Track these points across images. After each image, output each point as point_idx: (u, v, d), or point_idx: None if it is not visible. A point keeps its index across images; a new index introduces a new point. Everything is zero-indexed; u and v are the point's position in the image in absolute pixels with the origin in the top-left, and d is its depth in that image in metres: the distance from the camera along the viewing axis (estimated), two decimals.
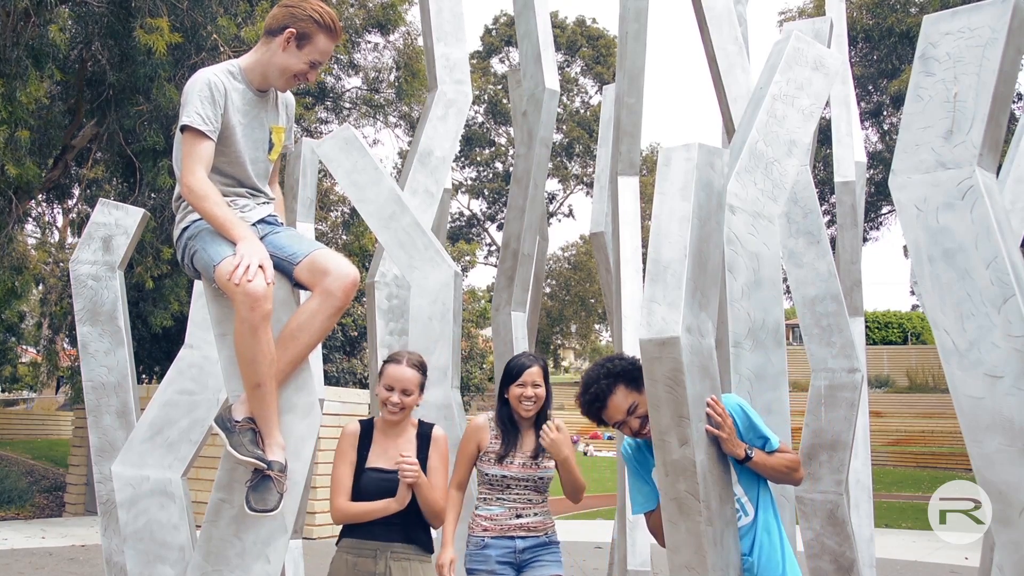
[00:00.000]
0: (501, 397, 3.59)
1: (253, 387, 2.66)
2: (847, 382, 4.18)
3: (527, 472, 3.52)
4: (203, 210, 2.69)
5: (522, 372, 3.51)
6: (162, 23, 9.57)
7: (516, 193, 5.13)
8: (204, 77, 2.75)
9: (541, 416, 3.57)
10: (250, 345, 2.60)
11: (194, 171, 2.68)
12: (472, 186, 39.79)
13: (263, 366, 2.63)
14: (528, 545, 3.52)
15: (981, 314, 2.24)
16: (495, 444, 3.55)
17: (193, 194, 2.68)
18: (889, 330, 37.34)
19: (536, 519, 3.55)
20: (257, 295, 2.56)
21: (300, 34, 2.76)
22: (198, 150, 2.69)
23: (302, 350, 2.77)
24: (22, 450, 18.14)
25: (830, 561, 4.04)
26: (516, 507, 3.53)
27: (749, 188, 3.29)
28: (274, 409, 2.71)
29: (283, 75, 2.81)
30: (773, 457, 2.79)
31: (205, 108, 2.70)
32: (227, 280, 2.59)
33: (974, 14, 2.37)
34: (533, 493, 3.55)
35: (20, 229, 12.66)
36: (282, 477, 2.67)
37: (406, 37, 19.30)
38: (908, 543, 11.25)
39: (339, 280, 2.71)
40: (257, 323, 2.57)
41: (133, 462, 3.02)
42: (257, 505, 2.62)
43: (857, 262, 6.19)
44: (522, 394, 3.50)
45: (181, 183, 2.72)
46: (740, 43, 4.57)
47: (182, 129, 2.72)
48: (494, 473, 3.53)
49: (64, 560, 9.22)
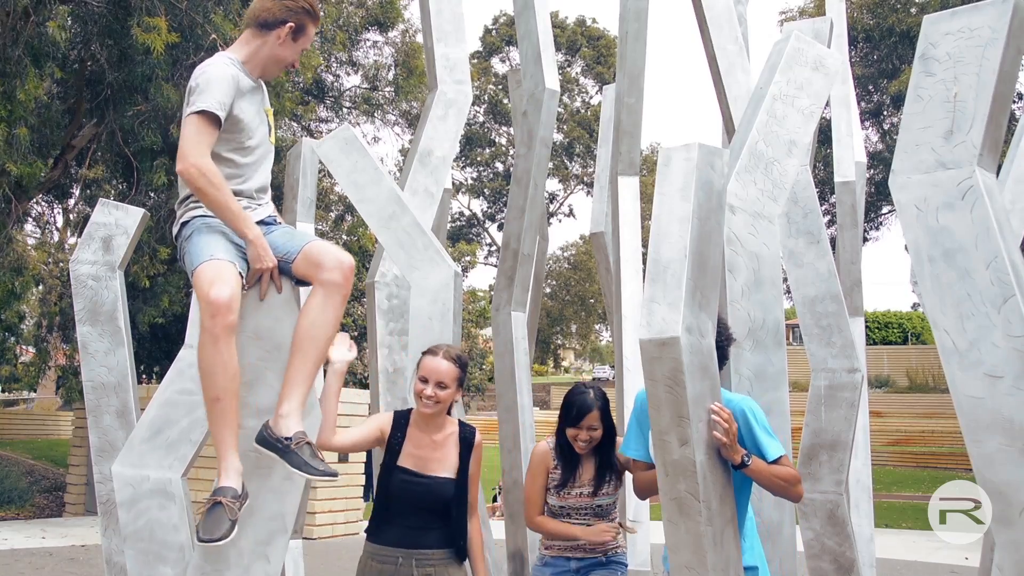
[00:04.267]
0: (561, 429, 3.52)
1: (211, 400, 2.56)
2: (847, 382, 4.17)
3: (584, 501, 3.49)
4: (212, 196, 2.59)
5: (581, 417, 3.43)
6: (160, 22, 9.56)
7: (516, 193, 5.13)
8: (225, 69, 2.69)
9: (603, 451, 3.51)
10: (210, 355, 2.51)
11: (205, 153, 2.60)
12: (472, 186, 39.79)
13: (222, 379, 2.53)
14: (583, 565, 3.50)
15: (981, 314, 2.24)
16: (556, 473, 3.53)
17: (204, 177, 2.57)
18: (889, 330, 37.37)
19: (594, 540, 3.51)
20: (219, 304, 2.49)
21: (297, 27, 2.78)
22: (209, 138, 2.63)
23: (323, 346, 2.73)
24: (22, 450, 18.14)
25: (830, 561, 4.04)
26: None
27: (749, 188, 3.29)
28: (233, 428, 2.59)
29: (280, 67, 2.84)
30: (770, 467, 2.80)
31: (225, 99, 2.64)
32: (197, 285, 2.55)
33: (974, 14, 2.37)
34: (592, 519, 3.51)
35: (20, 229, 12.65)
36: (235, 504, 2.54)
37: (404, 34, 19.30)
38: (908, 543, 11.25)
39: (336, 269, 2.69)
40: (219, 333, 2.50)
41: (133, 462, 3.01)
42: (205, 535, 2.48)
43: (857, 262, 6.19)
44: (577, 436, 3.45)
45: (188, 162, 2.58)
46: (740, 43, 4.57)
47: (198, 113, 2.61)
48: (552, 503, 3.52)
49: (64, 560, 9.22)
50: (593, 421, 3.43)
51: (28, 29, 9.36)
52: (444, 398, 3.12)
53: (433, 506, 3.15)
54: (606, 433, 3.48)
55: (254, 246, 2.67)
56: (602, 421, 3.46)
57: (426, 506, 3.15)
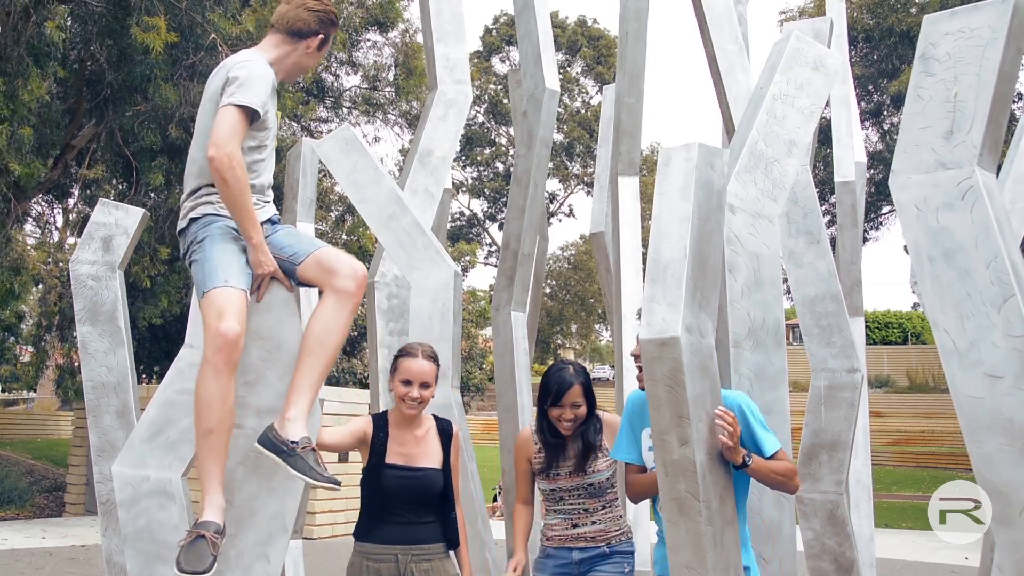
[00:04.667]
0: (541, 410, 3.40)
1: (204, 432, 2.56)
2: (847, 382, 4.17)
3: (574, 481, 3.37)
4: (235, 190, 2.59)
5: (561, 395, 3.31)
6: (159, 22, 9.56)
7: (516, 193, 5.13)
8: (267, 69, 2.75)
9: (588, 426, 3.38)
10: (210, 387, 2.53)
11: (239, 146, 2.62)
12: (472, 186, 39.79)
13: (218, 411, 2.54)
14: (585, 557, 3.36)
15: (981, 314, 2.24)
16: (539, 457, 3.43)
17: (233, 169, 2.57)
18: (889, 330, 37.39)
19: (595, 528, 3.39)
20: (227, 340, 2.51)
21: (324, 39, 2.87)
22: (244, 132, 2.66)
23: (333, 353, 2.76)
24: (22, 450, 18.15)
25: (830, 561, 4.04)
26: (572, 517, 3.39)
27: (749, 188, 3.29)
28: (221, 463, 2.59)
29: (301, 73, 2.92)
30: (768, 464, 2.80)
31: (265, 98, 2.70)
32: (206, 312, 2.57)
33: (974, 14, 2.37)
34: (587, 500, 3.39)
35: (19, 229, 12.65)
36: (218, 539, 2.53)
37: (404, 34, 19.29)
38: (908, 543, 11.26)
39: (350, 278, 2.74)
40: (222, 367, 2.52)
41: (133, 462, 3.01)
42: (188, 567, 2.45)
43: (857, 262, 6.19)
44: (561, 416, 3.33)
45: (224, 151, 2.57)
46: (740, 43, 4.57)
47: (239, 107, 2.62)
48: (544, 488, 3.44)
49: (64, 560, 9.22)
50: (576, 397, 3.32)
51: (29, 29, 9.35)
52: (428, 397, 3.17)
53: (427, 498, 3.17)
54: (590, 409, 3.37)
55: (256, 251, 2.70)
56: (585, 397, 3.34)
57: (421, 499, 3.16)
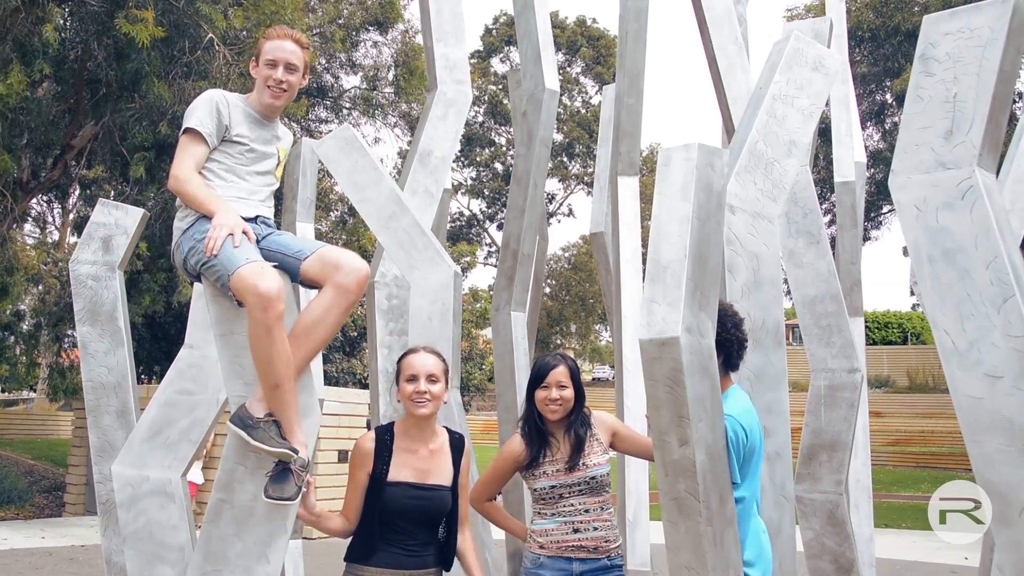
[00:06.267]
0: (529, 401, 3.34)
1: (272, 387, 2.69)
2: (847, 382, 4.17)
3: (575, 476, 3.22)
4: (184, 193, 2.82)
5: (546, 374, 3.26)
6: (146, 15, 9.55)
7: (516, 193, 5.13)
8: (211, 94, 2.98)
9: (576, 418, 3.30)
10: (266, 346, 2.63)
11: (183, 163, 2.86)
12: (472, 186, 39.78)
13: (280, 366, 2.66)
14: (586, 569, 3.20)
15: (981, 314, 2.23)
16: (526, 455, 3.30)
17: (176, 180, 2.83)
18: (889, 330, 37.39)
19: (596, 535, 3.22)
20: (271, 295, 2.61)
21: (256, 55, 3.06)
22: (192, 150, 2.88)
23: (317, 345, 2.83)
24: (22, 450, 18.14)
25: (830, 561, 4.04)
26: (572, 521, 3.22)
27: (749, 188, 3.29)
28: (294, 408, 2.74)
29: (261, 89, 3.02)
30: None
31: (206, 118, 2.89)
32: (243, 284, 2.64)
33: (974, 14, 2.37)
34: (588, 497, 3.23)
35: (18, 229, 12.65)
36: (303, 472, 2.70)
37: (404, 35, 19.29)
38: (908, 543, 11.25)
39: (352, 275, 2.78)
40: (272, 323, 2.62)
41: (133, 462, 3.02)
42: (275, 493, 2.66)
43: (857, 262, 6.19)
44: (547, 396, 3.25)
45: (172, 176, 2.87)
46: (740, 43, 4.57)
47: (184, 132, 2.90)
48: (543, 487, 3.25)
49: (64, 560, 9.22)
50: (561, 378, 3.26)
51: (16, 27, 9.37)
52: (438, 393, 3.01)
53: (435, 519, 3.01)
54: (577, 400, 3.29)
55: (215, 228, 2.73)
56: (572, 381, 3.28)
57: (430, 520, 3.00)
